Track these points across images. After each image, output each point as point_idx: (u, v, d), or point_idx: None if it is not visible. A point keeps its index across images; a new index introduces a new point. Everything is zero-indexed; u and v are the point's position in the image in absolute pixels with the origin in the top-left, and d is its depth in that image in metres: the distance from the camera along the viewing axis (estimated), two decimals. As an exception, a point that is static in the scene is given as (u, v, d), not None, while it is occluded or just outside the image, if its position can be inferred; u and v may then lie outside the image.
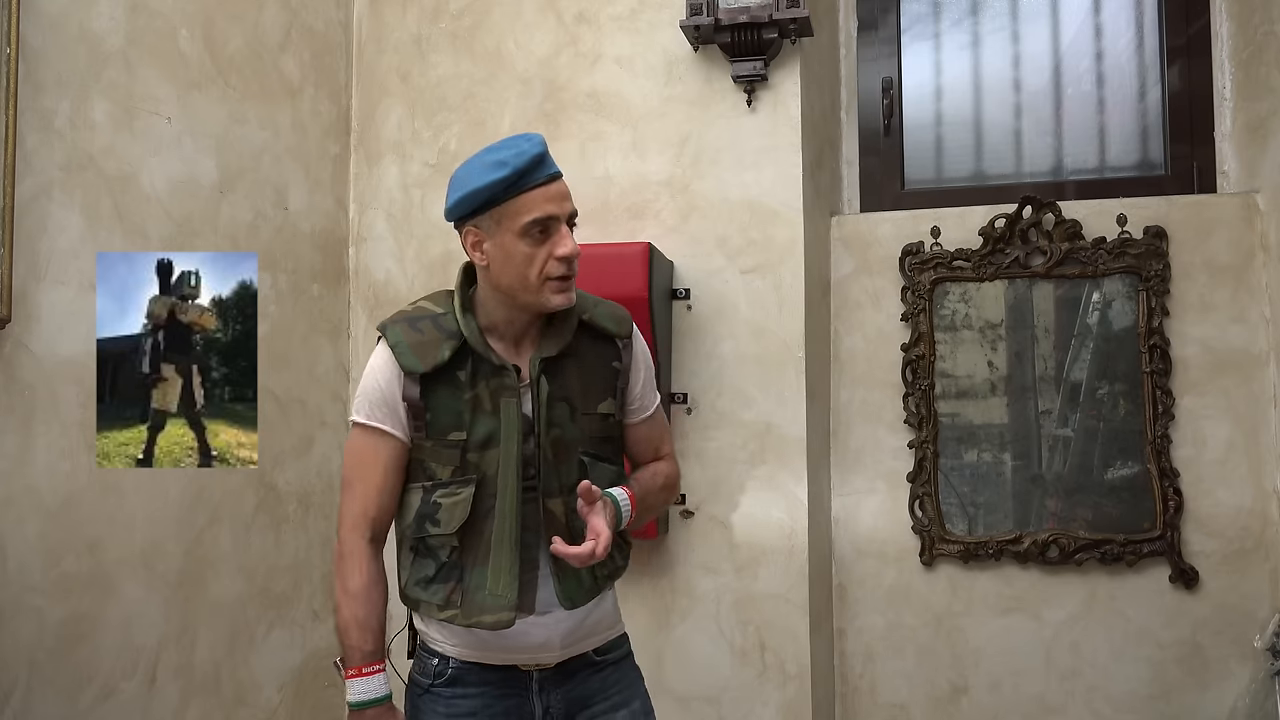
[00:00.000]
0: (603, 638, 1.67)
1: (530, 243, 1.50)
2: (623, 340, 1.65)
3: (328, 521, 2.70)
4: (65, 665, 1.90)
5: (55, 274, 1.89)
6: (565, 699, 1.63)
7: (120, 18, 2.05)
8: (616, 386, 1.63)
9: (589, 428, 1.59)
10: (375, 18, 2.87)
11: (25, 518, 1.83)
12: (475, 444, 1.55)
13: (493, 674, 1.60)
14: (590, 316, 1.62)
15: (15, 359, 1.82)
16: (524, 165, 1.48)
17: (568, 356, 1.59)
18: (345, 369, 2.80)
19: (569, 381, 1.59)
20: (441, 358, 1.54)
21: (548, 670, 1.61)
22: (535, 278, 1.52)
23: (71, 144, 1.93)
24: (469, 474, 1.55)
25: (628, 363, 1.65)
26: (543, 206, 1.50)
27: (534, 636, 1.58)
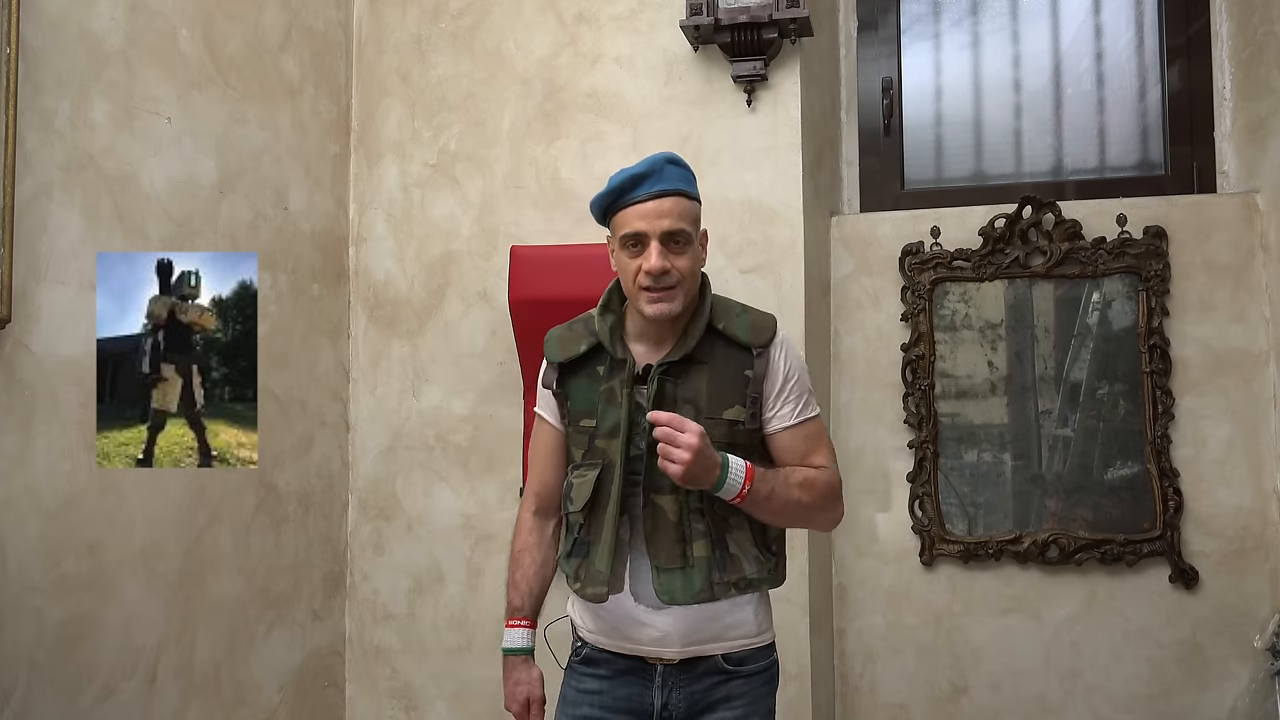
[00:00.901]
0: (735, 645, 1.69)
1: (629, 255, 1.64)
2: (757, 349, 1.68)
3: (328, 521, 2.70)
4: (65, 665, 1.90)
5: (55, 274, 1.89)
6: (688, 699, 1.67)
7: (120, 18, 2.05)
8: (746, 394, 1.67)
9: (713, 432, 1.60)
10: (375, 18, 2.87)
11: (25, 518, 1.83)
12: (603, 431, 1.68)
13: (621, 661, 1.70)
14: (726, 325, 1.69)
15: (15, 359, 1.81)
16: (621, 183, 1.63)
17: (698, 362, 1.67)
18: (345, 369, 2.80)
19: (696, 386, 1.66)
20: (578, 350, 1.72)
21: (671, 665, 1.67)
22: (632, 286, 1.65)
23: (71, 144, 1.93)
24: (596, 458, 1.69)
25: (760, 371, 1.68)
26: (634, 223, 1.63)
27: (654, 629, 1.65)
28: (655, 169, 1.64)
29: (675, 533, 1.62)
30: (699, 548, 1.61)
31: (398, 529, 2.76)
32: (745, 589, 1.66)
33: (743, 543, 1.65)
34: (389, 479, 2.77)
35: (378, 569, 2.76)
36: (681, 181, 1.66)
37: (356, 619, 2.77)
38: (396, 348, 2.79)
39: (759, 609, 1.72)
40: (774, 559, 1.70)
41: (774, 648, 1.77)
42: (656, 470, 1.61)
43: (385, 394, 2.79)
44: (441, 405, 2.74)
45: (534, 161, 2.71)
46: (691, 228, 1.65)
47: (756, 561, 1.66)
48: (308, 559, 2.61)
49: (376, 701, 2.75)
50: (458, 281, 2.75)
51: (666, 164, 1.65)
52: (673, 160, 1.67)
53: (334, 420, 2.74)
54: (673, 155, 1.68)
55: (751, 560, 1.65)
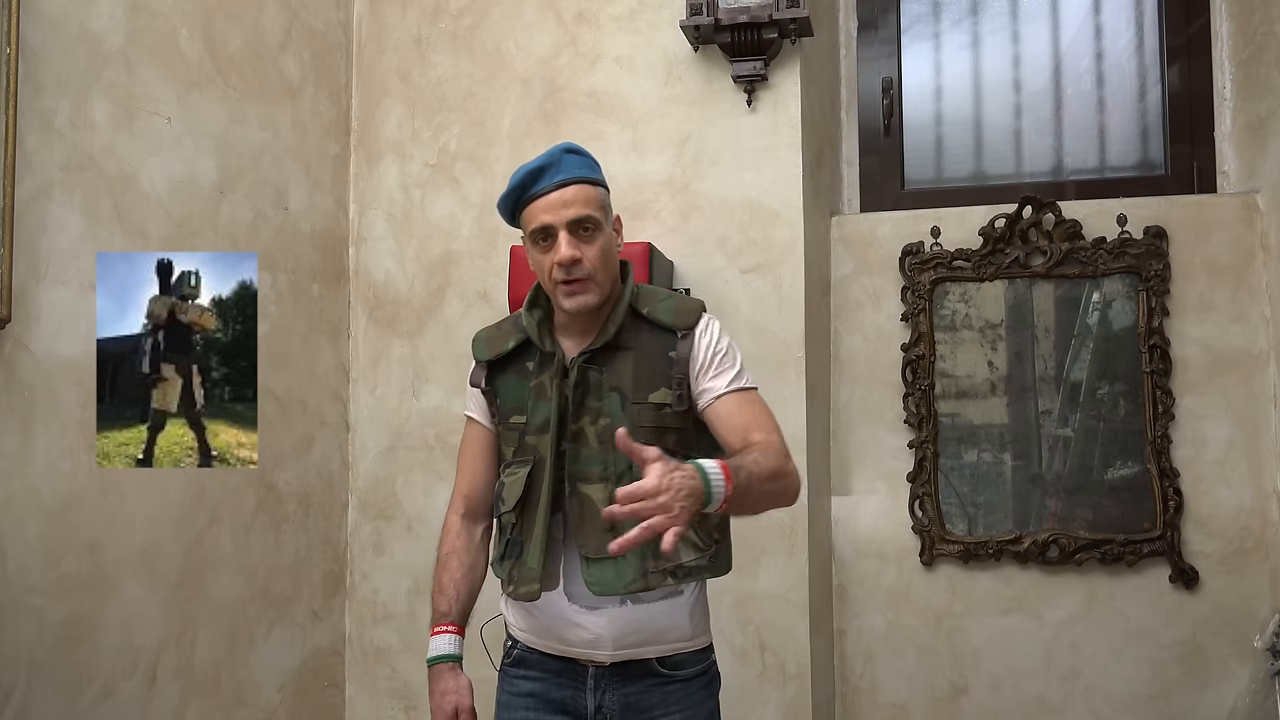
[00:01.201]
0: (670, 648, 1.65)
1: (541, 251, 1.62)
2: (681, 331, 1.66)
3: (328, 522, 2.70)
4: (65, 665, 1.90)
5: (55, 274, 1.89)
6: (621, 701, 1.63)
7: (120, 18, 2.05)
8: (671, 376, 1.64)
9: (640, 417, 1.61)
10: (375, 18, 2.87)
11: (25, 518, 1.83)
12: (534, 427, 1.66)
13: (553, 662, 1.67)
14: (649, 310, 1.67)
15: (15, 359, 1.81)
16: (522, 179, 1.61)
17: (623, 349, 1.65)
18: (345, 369, 2.80)
19: (622, 372, 1.64)
20: (506, 347, 1.71)
21: (604, 668, 1.63)
22: (549, 283, 1.63)
23: (71, 144, 1.93)
24: (527, 455, 1.66)
25: (684, 352, 1.64)
26: (539, 217, 1.61)
27: (586, 631, 1.62)
28: (554, 160, 1.62)
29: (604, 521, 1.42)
30: None
31: (398, 529, 2.76)
32: (683, 577, 1.60)
33: None
34: (389, 479, 2.77)
35: (378, 569, 2.76)
36: (582, 169, 1.63)
37: (356, 619, 2.77)
38: (396, 348, 2.79)
39: (695, 610, 1.67)
40: (714, 545, 1.64)
41: (711, 650, 1.73)
42: (582, 458, 1.60)
43: (385, 394, 2.79)
44: (441, 405, 2.74)
45: (534, 161, 2.70)
46: (599, 214, 1.62)
47: (694, 548, 1.60)
48: (308, 559, 2.61)
49: (376, 701, 2.75)
50: (458, 281, 2.75)
51: (565, 154, 1.63)
52: (571, 149, 1.65)
53: (334, 420, 2.74)
54: (571, 145, 1.66)
55: (688, 546, 1.59)
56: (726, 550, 1.70)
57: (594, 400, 1.62)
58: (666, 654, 1.65)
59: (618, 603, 1.61)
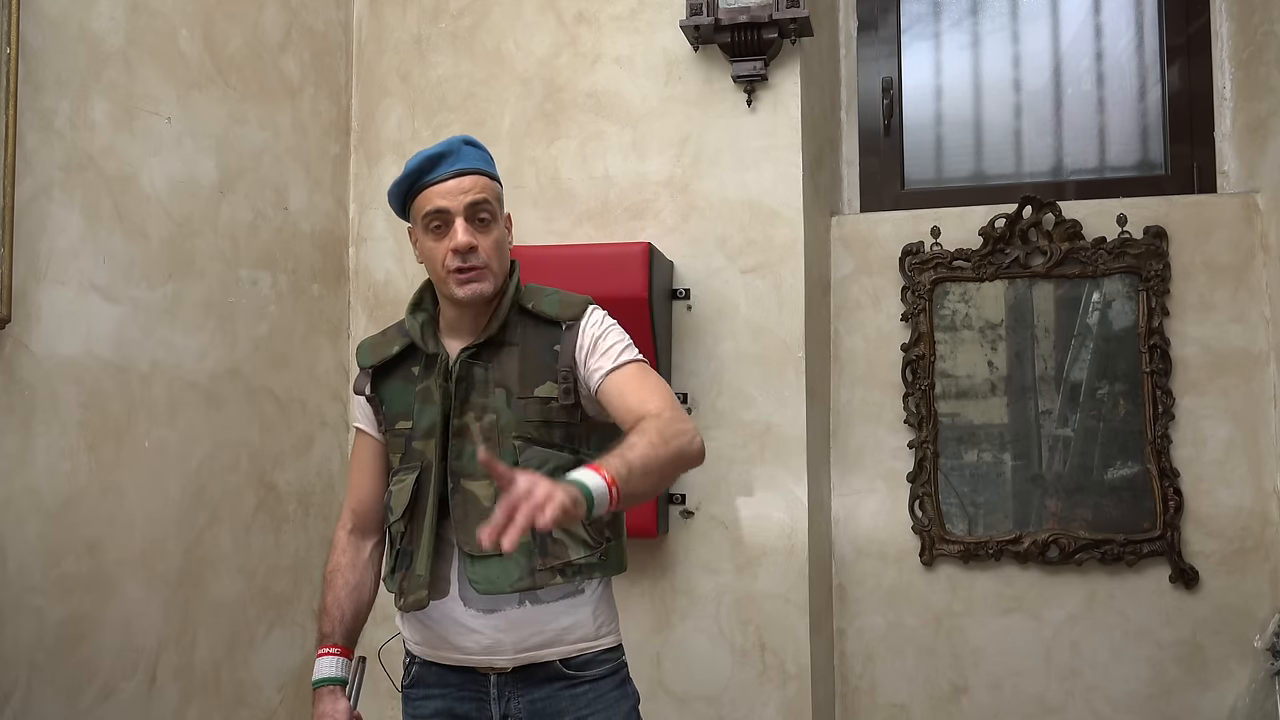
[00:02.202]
0: (574, 649, 1.60)
1: (433, 238, 1.60)
2: (566, 323, 1.63)
3: (327, 522, 2.70)
4: (65, 665, 1.90)
5: (55, 274, 1.89)
6: (529, 708, 1.58)
7: (120, 18, 2.05)
8: (557, 369, 1.60)
9: (526, 412, 1.59)
10: (375, 18, 2.87)
11: (25, 518, 1.82)
12: (420, 432, 1.63)
13: (452, 675, 1.62)
14: (534, 304, 1.65)
15: (15, 359, 1.81)
16: (420, 164, 1.60)
17: (508, 345, 1.63)
18: (345, 369, 2.80)
19: (508, 368, 1.61)
20: (390, 352, 1.69)
21: (505, 674, 1.59)
22: (440, 270, 1.61)
23: (71, 144, 1.93)
24: (414, 461, 1.63)
25: (569, 344, 1.61)
26: (435, 201, 1.59)
27: (483, 636, 1.57)
28: (453, 149, 1.61)
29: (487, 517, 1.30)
30: None
31: (398, 529, 2.75)
32: (572, 575, 1.56)
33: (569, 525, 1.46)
34: (389, 479, 2.77)
35: (378, 569, 2.76)
36: (481, 161, 1.63)
37: (356, 619, 2.77)
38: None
39: (598, 608, 1.63)
40: (605, 542, 1.61)
41: (620, 650, 1.67)
42: (465, 455, 1.57)
43: (385, 394, 2.79)
44: (441, 405, 2.74)
45: (534, 161, 2.71)
46: (496, 204, 1.62)
47: (584, 545, 1.56)
48: (308, 559, 2.61)
49: (377, 701, 2.75)
50: (458, 281, 2.75)
51: (463, 144, 1.63)
52: (469, 141, 1.64)
53: (334, 420, 2.74)
54: (469, 137, 1.65)
55: (578, 544, 1.56)
56: (619, 548, 1.66)
57: (479, 396, 1.60)
58: (570, 655, 1.60)
59: (515, 604, 1.56)
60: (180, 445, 2.19)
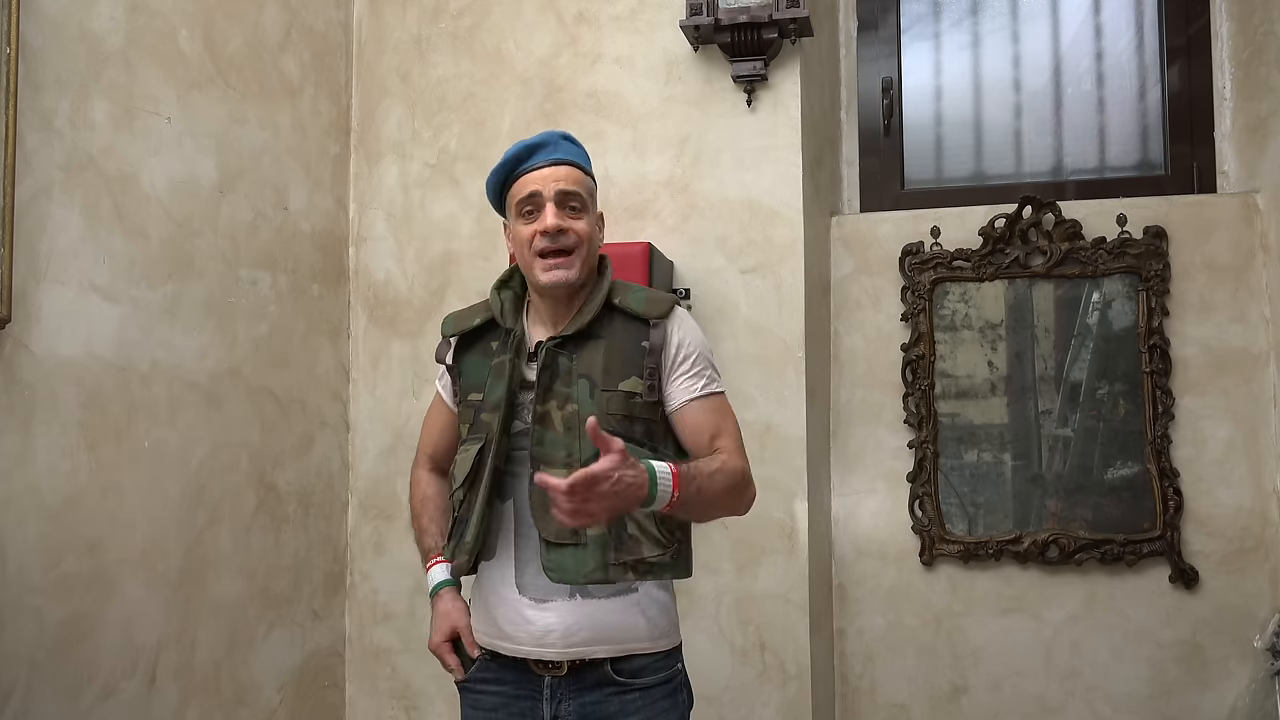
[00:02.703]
0: (624, 648, 1.60)
1: (524, 222, 1.64)
2: (654, 320, 1.65)
3: (328, 522, 2.70)
4: (65, 665, 1.90)
5: (55, 274, 1.89)
6: (578, 711, 1.60)
7: (120, 18, 2.05)
8: (643, 365, 1.63)
9: (609, 404, 1.60)
10: (375, 18, 2.87)
11: (25, 518, 1.82)
12: (488, 405, 1.65)
13: (509, 672, 1.65)
14: (622, 299, 1.67)
15: (15, 359, 1.81)
16: (517, 153, 1.65)
17: (595, 337, 1.65)
18: (345, 369, 2.80)
19: (592, 360, 1.63)
20: (471, 324, 1.73)
21: (559, 676, 1.60)
22: (529, 255, 1.63)
23: (71, 144, 1.93)
24: (479, 432, 1.65)
25: (657, 342, 1.64)
26: (528, 187, 1.63)
27: (535, 626, 1.59)
28: (550, 140, 1.67)
29: None
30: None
31: (398, 529, 2.75)
32: (644, 574, 1.57)
33: (643, 523, 1.55)
34: (389, 479, 2.77)
35: (378, 569, 2.76)
36: (576, 156, 1.68)
37: (356, 619, 2.77)
38: (396, 348, 2.79)
39: (651, 610, 1.63)
40: (676, 544, 1.61)
41: (676, 657, 1.67)
42: (547, 441, 1.59)
43: (385, 394, 2.79)
44: (441, 405, 2.74)
45: (534, 161, 2.70)
46: (588, 197, 1.66)
47: (657, 544, 1.57)
48: (308, 559, 2.61)
49: (376, 701, 2.75)
50: (458, 282, 2.75)
51: (561, 138, 1.68)
52: (567, 136, 1.70)
53: (334, 420, 2.74)
54: (567, 133, 1.71)
55: (651, 542, 1.56)
56: (688, 552, 1.67)
57: (562, 386, 1.61)
58: (620, 655, 1.60)
59: (566, 596, 1.58)
60: (180, 445, 2.19)
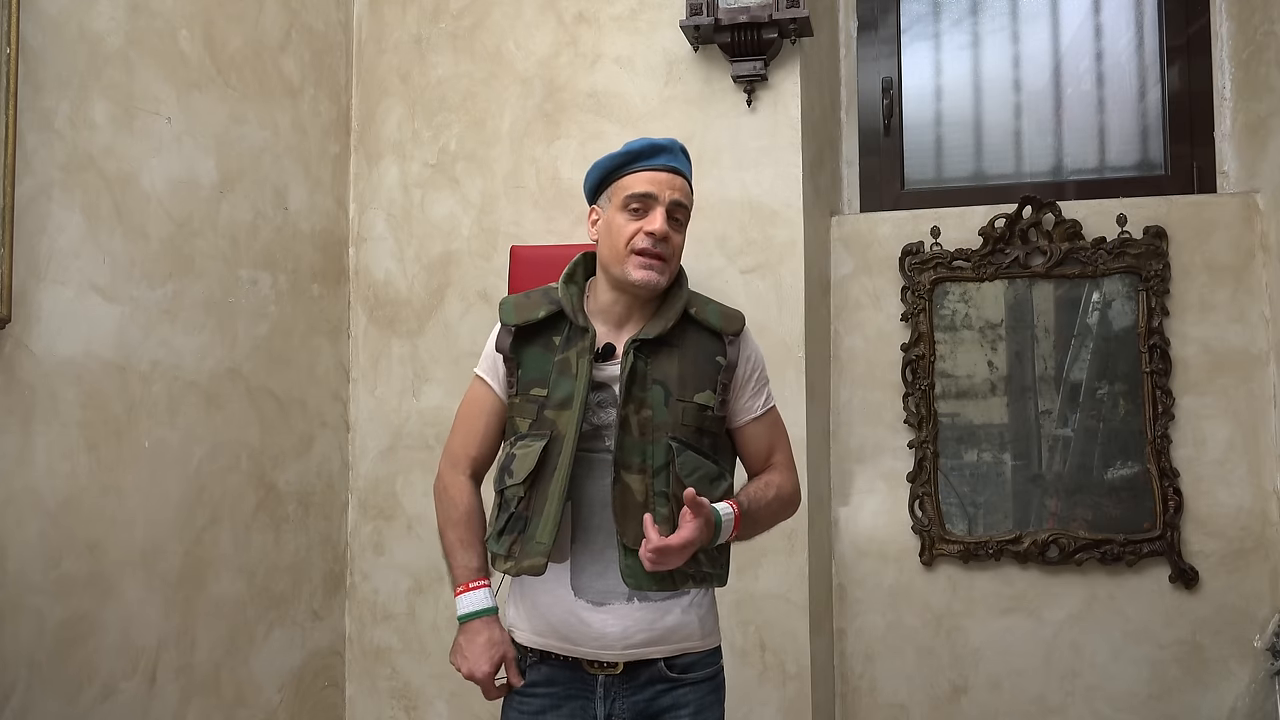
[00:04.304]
0: (678, 647, 1.64)
1: (627, 216, 1.63)
2: (729, 336, 1.68)
3: (328, 522, 2.70)
4: (65, 665, 1.90)
5: (55, 274, 1.89)
6: (631, 709, 1.63)
7: (120, 18, 2.05)
8: (718, 380, 1.66)
9: (682, 415, 1.62)
10: (375, 18, 2.87)
11: (25, 518, 1.83)
12: (554, 402, 1.64)
13: (560, 672, 1.65)
14: (698, 311, 1.69)
15: (15, 359, 1.81)
16: (642, 148, 1.65)
17: (670, 345, 1.65)
18: (345, 369, 2.80)
19: (668, 367, 1.64)
20: (535, 316, 1.68)
21: (614, 675, 1.62)
22: (623, 247, 1.63)
23: (71, 144, 1.93)
24: (543, 429, 1.63)
25: (732, 358, 1.68)
26: (645, 185, 1.63)
27: (592, 629, 1.61)
28: (674, 147, 1.67)
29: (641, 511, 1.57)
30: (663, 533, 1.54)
31: (398, 529, 2.76)
32: (700, 582, 1.63)
33: None
34: (389, 479, 2.77)
35: (378, 569, 2.76)
36: (689, 171, 1.70)
37: (356, 619, 2.77)
38: (396, 348, 2.79)
39: (706, 612, 1.68)
40: (723, 555, 1.67)
41: (719, 654, 1.73)
42: (628, 446, 1.60)
43: (385, 394, 2.79)
44: (441, 405, 2.74)
45: (534, 161, 2.71)
46: (689, 211, 1.68)
47: (710, 556, 1.63)
48: (308, 559, 2.61)
49: (376, 701, 2.75)
50: (458, 281, 2.75)
51: (681, 149, 1.70)
52: (685, 150, 1.71)
53: (334, 420, 2.74)
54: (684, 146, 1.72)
55: (708, 558, 1.62)
56: (728, 561, 1.72)
57: (639, 390, 1.62)
58: (675, 654, 1.64)
59: (624, 599, 1.61)
60: (180, 445, 2.19)
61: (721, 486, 1.65)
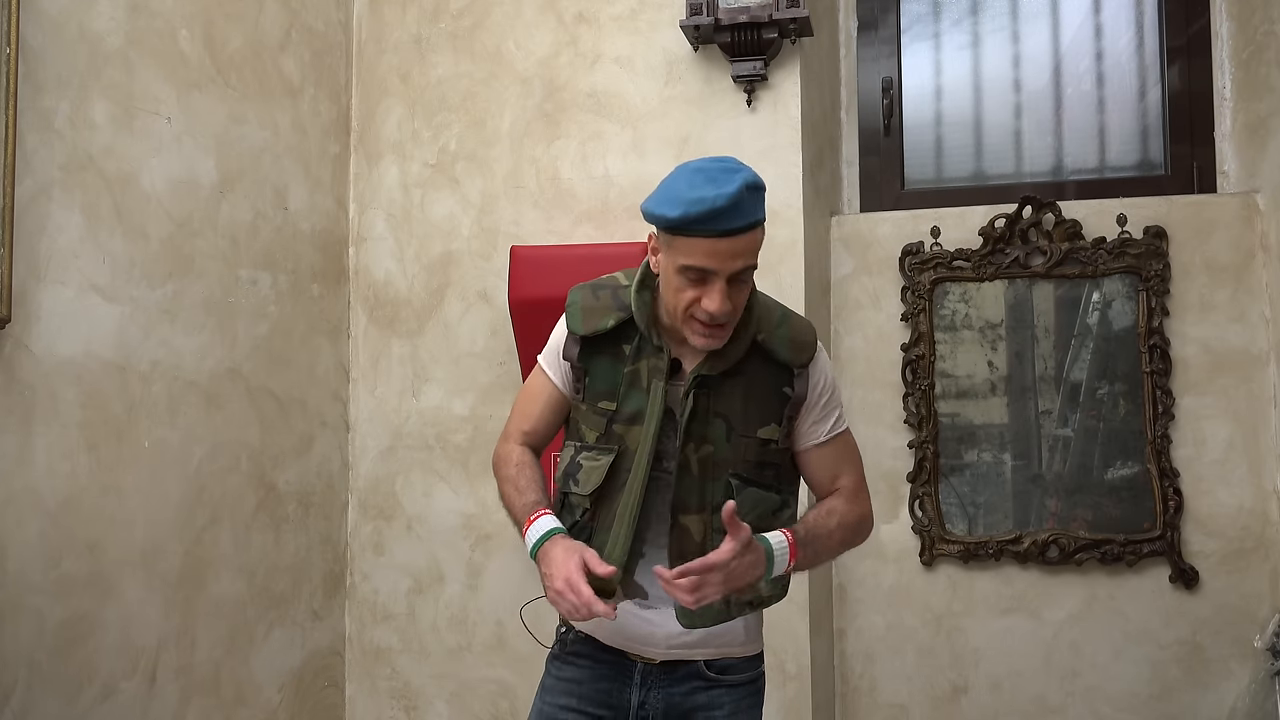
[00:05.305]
0: (719, 651, 1.63)
1: (684, 280, 1.48)
2: (798, 369, 1.58)
3: (328, 522, 2.70)
4: (65, 665, 1.90)
5: (55, 274, 1.89)
6: (666, 700, 1.62)
7: (120, 18, 2.05)
8: (784, 413, 1.58)
9: (745, 450, 1.55)
10: (375, 18, 2.87)
11: (25, 518, 1.83)
12: (623, 416, 1.57)
13: (602, 653, 1.65)
14: (765, 338, 1.57)
15: (15, 359, 1.81)
16: (699, 214, 1.42)
17: (735, 375, 1.56)
18: (345, 369, 2.80)
19: (731, 400, 1.56)
20: (604, 326, 1.59)
21: (652, 665, 1.62)
22: (682, 311, 1.50)
23: (71, 144, 1.93)
24: (611, 444, 1.58)
25: (801, 391, 1.58)
26: (701, 258, 1.45)
27: (640, 627, 1.61)
28: (737, 204, 1.42)
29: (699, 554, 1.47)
30: None
31: (398, 529, 2.76)
32: (759, 605, 1.61)
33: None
34: (389, 479, 2.77)
35: (378, 569, 2.76)
36: (759, 210, 1.47)
37: (356, 619, 2.77)
38: (396, 348, 2.79)
39: (752, 620, 1.67)
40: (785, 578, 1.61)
41: (761, 660, 1.70)
42: (685, 487, 1.54)
43: (385, 394, 2.79)
44: (441, 405, 2.74)
45: (534, 161, 2.71)
46: (757, 259, 1.52)
47: (774, 583, 1.58)
48: (308, 559, 2.61)
49: (376, 701, 2.75)
50: (458, 281, 2.75)
51: (748, 191, 1.43)
52: (753, 185, 1.45)
53: (334, 420, 2.74)
54: (753, 179, 1.45)
55: (770, 582, 1.56)
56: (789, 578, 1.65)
57: (698, 426, 1.55)
58: (715, 657, 1.63)
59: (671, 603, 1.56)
60: (180, 445, 2.19)
61: (784, 516, 1.60)
